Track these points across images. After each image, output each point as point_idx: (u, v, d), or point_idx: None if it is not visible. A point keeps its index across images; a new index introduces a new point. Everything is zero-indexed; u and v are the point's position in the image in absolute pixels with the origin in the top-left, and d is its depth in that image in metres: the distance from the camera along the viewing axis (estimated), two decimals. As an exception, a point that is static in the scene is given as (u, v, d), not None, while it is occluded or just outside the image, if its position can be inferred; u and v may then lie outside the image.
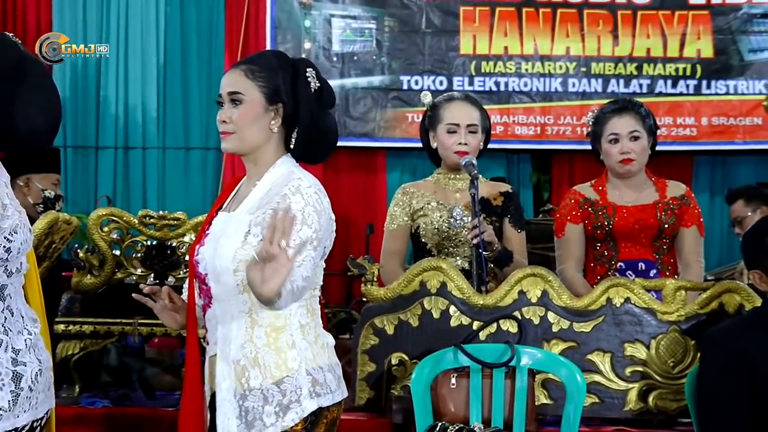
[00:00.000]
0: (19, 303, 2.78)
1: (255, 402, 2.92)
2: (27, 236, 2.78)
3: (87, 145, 8.25)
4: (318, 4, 7.96)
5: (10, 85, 2.72)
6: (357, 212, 8.08)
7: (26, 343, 2.74)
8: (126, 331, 4.23)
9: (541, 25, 7.84)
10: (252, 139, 3.04)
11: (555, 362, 3.80)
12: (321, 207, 2.92)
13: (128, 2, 8.29)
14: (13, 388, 2.68)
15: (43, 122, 2.79)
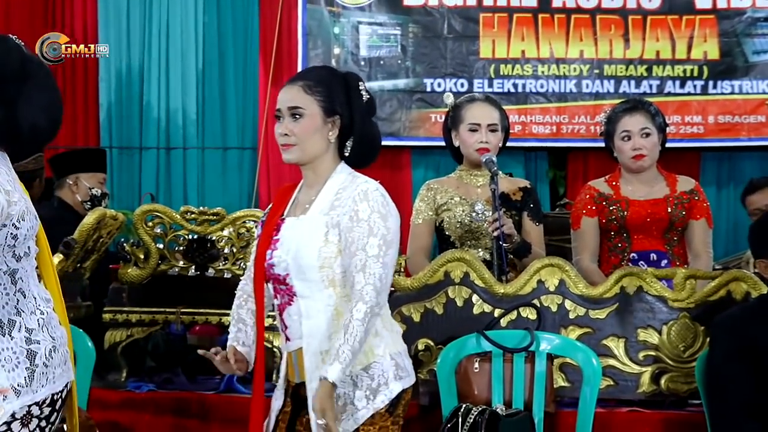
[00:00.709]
0: (31, 285, 2.78)
1: (345, 388, 2.97)
2: (33, 222, 2.78)
3: (131, 146, 8.26)
4: (346, 12, 7.95)
5: (13, 85, 2.73)
6: (384, 206, 8.05)
7: (39, 322, 2.75)
8: (169, 319, 4.25)
9: (556, 30, 7.81)
10: (313, 150, 3.10)
11: (572, 347, 3.80)
12: (386, 210, 3.00)
13: (169, 13, 8.30)
14: (29, 365, 2.69)
15: (45, 121, 2.79)
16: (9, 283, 2.72)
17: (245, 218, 4.23)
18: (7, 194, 2.68)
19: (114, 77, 8.28)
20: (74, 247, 4.19)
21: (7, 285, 2.72)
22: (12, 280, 2.73)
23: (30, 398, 2.69)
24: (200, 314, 4.22)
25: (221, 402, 4.01)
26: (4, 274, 2.71)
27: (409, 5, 7.92)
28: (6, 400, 2.66)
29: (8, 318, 2.70)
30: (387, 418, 2.99)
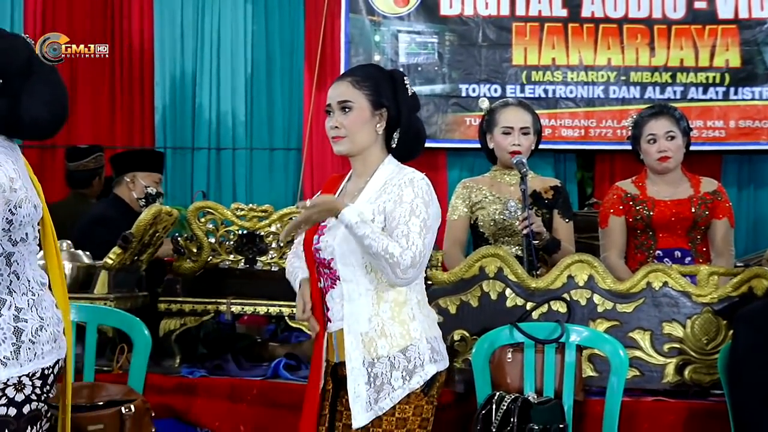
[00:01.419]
0: (26, 268, 2.84)
1: (383, 368, 2.99)
2: (30, 210, 2.84)
3: (184, 146, 8.30)
4: (386, 21, 7.95)
5: (18, 79, 2.80)
6: (421, 205, 8.05)
7: (29, 302, 2.82)
8: (220, 309, 4.26)
9: (585, 38, 7.78)
10: (362, 141, 3.13)
11: (600, 339, 3.77)
12: (429, 197, 3.02)
13: (220, 21, 8.33)
14: (15, 341, 2.76)
15: (47, 115, 2.85)
16: (4, 264, 2.79)
17: (291, 215, 4.23)
18: (10, 181, 2.73)
19: (168, 81, 8.32)
20: (132, 241, 4.21)
21: (2, 266, 2.79)
22: (7, 262, 2.80)
23: (17, 371, 2.76)
24: (249, 305, 4.23)
25: (268, 387, 4.01)
26: (0, 256, 2.76)
27: (446, 15, 7.92)
28: None
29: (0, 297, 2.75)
30: (422, 398, 3.01)
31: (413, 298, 3.07)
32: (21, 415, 2.77)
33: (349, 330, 3.04)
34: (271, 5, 8.33)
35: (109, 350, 4.12)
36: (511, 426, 3.41)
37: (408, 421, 2.99)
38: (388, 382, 2.99)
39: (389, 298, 3.03)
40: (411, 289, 3.07)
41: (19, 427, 2.76)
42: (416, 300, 3.08)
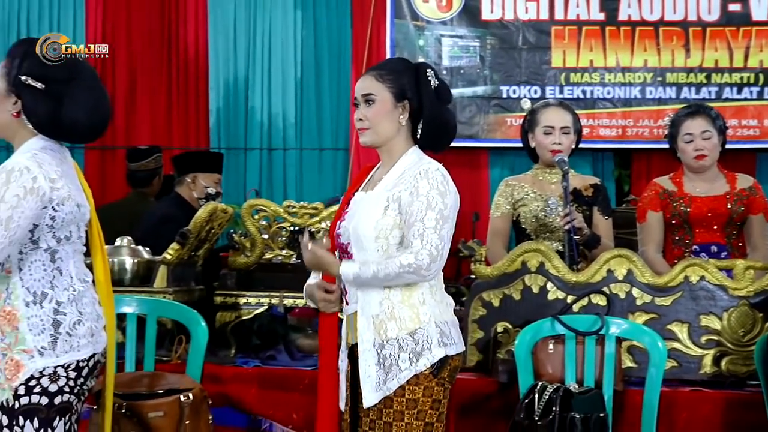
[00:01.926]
0: (69, 265, 2.89)
1: (391, 350, 2.98)
2: (73, 209, 2.89)
3: (237, 146, 8.33)
4: (430, 26, 7.94)
5: (60, 85, 2.86)
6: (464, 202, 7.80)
7: (69, 297, 2.87)
8: (272, 302, 4.28)
9: (621, 40, 7.72)
10: (384, 132, 3.11)
11: (639, 331, 3.75)
12: (445, 188, 2.98)
13: (271, 27, 8.36)
14: (53, 332, 2.82)
15: (85, 119, 2.90)
16: (48, 260, 2.84)
17: (340, 212, 4.24)
18: (51, 181, 2.77)
19: (222, 85, 8.36)
20: (189, 237, 4.23)
21: (46, 262, 2.83)
22: (51, 258, 2.85)
23: (53, 361, 2.81)
24: (300, 298, 4.19)
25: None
26: (45, 252, 2.83)
27: (487, 19, 7.89)
28: (31, 360, 2.78)
29: (42, 290, 2.83)
30: (431, 380, 2.98)
31: (424, 284, 3.03)
32: (52, 405, 2.80)
33: (362, 312, 3.05)
34: (319, 11, 8.34)
35: (168, 341, 4.15)
36: (553, 415, 3.39)
37: (419, 402, 2.98)
38: (396, 363, 2.98)
39: None
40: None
41: (49, 417, 2.80)
42: (428, 285, 3.04)
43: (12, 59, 2.90)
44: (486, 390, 3.88)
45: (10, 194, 2.74)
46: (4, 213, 2.72)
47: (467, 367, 3.98)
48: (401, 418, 2.98)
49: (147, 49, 8.49)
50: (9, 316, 2.80)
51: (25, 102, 2.85)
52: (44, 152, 2.88)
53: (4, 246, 2.73)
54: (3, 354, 2.80)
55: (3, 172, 2.80)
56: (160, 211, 5.42)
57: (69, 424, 2.86)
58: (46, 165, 2.84)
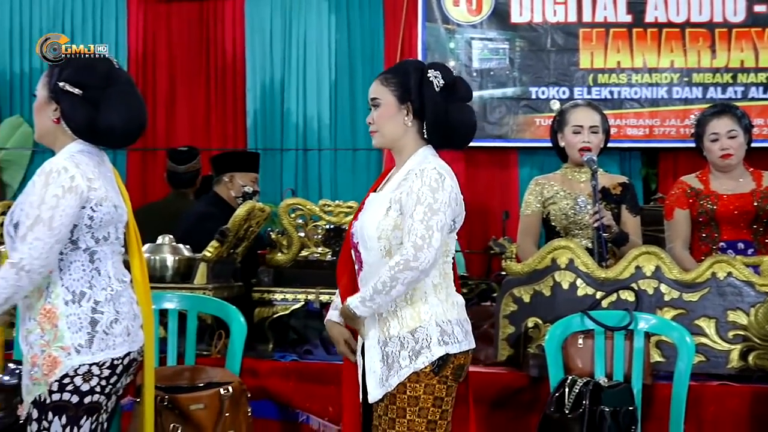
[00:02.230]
0: (108, 265, 2.92)
1: (393, 347, 2.98)
2: (110, 210, 2.92)
3: (273, 147, 8.35)
4: (460, 29, 7.93)
5: (97, 91, 2.88)
6: (494, 201, 8.03)
7: (107, 297, 2.89)
8: (309, 298, 4.28)
9: (648, 42, 7.68)
10: (390, 134, 3.12)
11: (667, 326, 3.73)
12: (438, 185, 2.95)
13: (306, 31, 8.38)
14: (90, 330, 2.84)
15: (121, 124, 2.92)
16: (87, 261, 2.85)
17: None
18: (89, 181, 2.79)
19: (259, 88, 8.39)
20: (228, 235, 4.25)
21: (85, 262, 2.85)
22: (90, 258, 2.87)
23: (89, 358, 2.82)
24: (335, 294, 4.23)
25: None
26: (84, 252, 2.84)
27: (516, 22, 7.87)
28: (68, 357, 2.79)
29: (80, 290, 2.84)
30: (432, 377, 2.97)
31: (428, 283, 3.01)
32: (81, 404, 2.82)
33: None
34: (353, 16, 8.36)
35: (208, 336, 4.16)
36: (583, 408, 3.38)
37: (420, 399, 2.96)
38: (397, 360, 2.97)
39: None
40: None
41: (77, 415, 2.82)
42: (431, 284, 3.02)
43: (52, 68, 2.93)
44: (517, 384, 3.88)
45: (49, 195, 2.77)
46: (46, 213, 2.75)
47: (498, 362, 3.99)
48: (403, 415, 2.98)
49: (186, 53, 8.54)
50: (49, 314, 2.83)
51: (64, 108, 2.88)
52: (81, 154, 2.90)
53: (51, 245, 2.75)
54: (42, 350, 2.83)
55: (42, 174, 2.82)
56: (198, 210, 5.44)
57: (96, 424, 2.87)
58: (84, 165, 2.86)
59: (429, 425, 2.97)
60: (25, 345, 2.90)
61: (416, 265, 2.87)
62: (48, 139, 2.97)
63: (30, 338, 2.87)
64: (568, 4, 7.78)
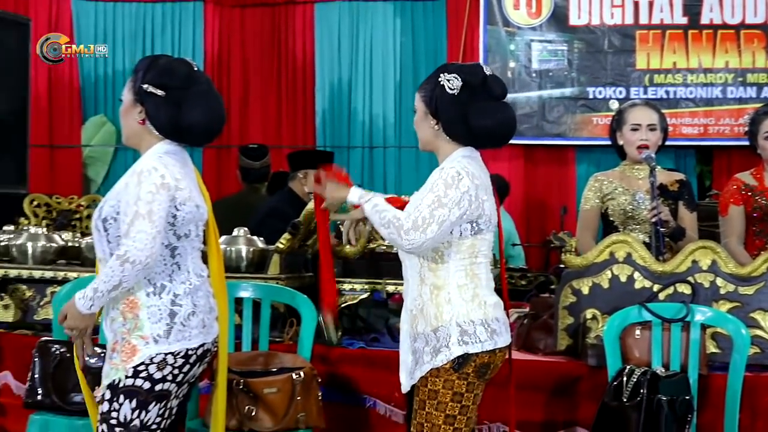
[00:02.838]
0: (187, 260, 2.94)
1: (420, 344, 2.98)
2: (193, 209, 2.94)
3: (341, 144, 8.40)
4: (520, 32, 7.90)
5: (178, 92, 2.91)
6: (552, 197, 7.98)
7: (185, 290, 2.91)
8: (376, 288, 4.27)
9: (704, 43, 7.59)
10: (423, 138, 3.12)
11: (723, 319, 3.66)
12: (453, 182, 2.91)
13: (372, 35, 8.42)
14: (168, 321, 2.85)
15: (202, 122, 2.94)
16: (169, 256, 2.88)
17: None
18: (176, 181, 2.81)
19: (327, 88, 8.44)
20: (300, 228, 4.26)
21: (167, 257, 2.87)
22: (171, 254, 2.90)
23: (165, 348, 2.84)
24: (400, 285, 4.19)
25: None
26: (166, 248, 2.87)
27: (575, 25, 7.83)
28: (146, 345, 2.82)
29: (161, 283, 2.87)
30: (452, 374, 2.93)
31: (452, 284, 2.97)
32: (152, 390, 2.84)
33: (405, 306, 3.06)
34: (417, 19, 8.36)
35: (281, 323, 4.17)
36: (641, 397, 3.33)
37: (438, 393, 2.94)
38: (421, 356, 2.96)
39: (429, 281, 2.97)
40: (450, 275, 2.97)
41: (146, 400, 2.84)
42: (455, 285, 2.97)
43: (136, 73, 2.97)
44: (575, 372, 3.83)
45: (144, 191, 2.80)
46: (144, 208, 2.78)
47: (557, 351, 3.95)
48: (423, 407, 2.97)
49: (259, 55, 8.61)
50: (131, 304, 2.86)
51: (148, 109, 2.91)
52: (168, 156, 2.93)
53: (153, 236, 2.77)
54: (122, 338, 2.86)
55: (134, 174, 2.86)
56: (269, 205, 5.47)
57: (164, 410, 2.89)
58: (171, 167, 2.89)
59: (447, 419, 2.95)
60: (109, 332, 2.94)
61: (404, 236, 2.86)
62: (135, 140, 3.01)
63: (113, 326, 2.91)
64: (626, 6, 7.71)
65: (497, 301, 3.06)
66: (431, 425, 2.95)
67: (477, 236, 3.00)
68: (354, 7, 8.48)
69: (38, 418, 3.67)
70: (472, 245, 2.99)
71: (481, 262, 3.04)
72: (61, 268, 4.43)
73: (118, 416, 2.83)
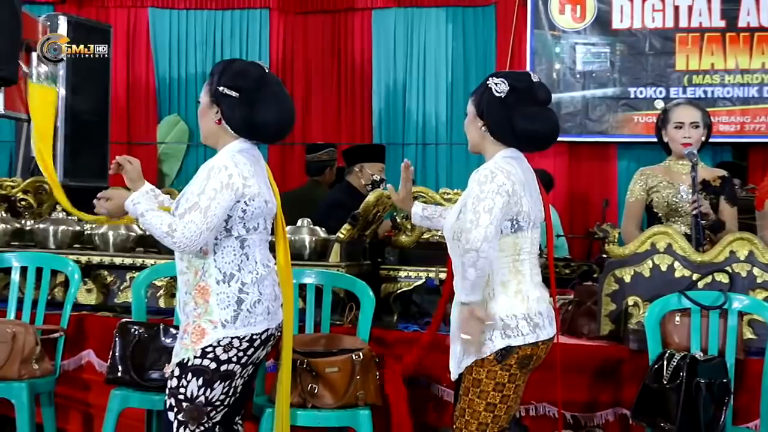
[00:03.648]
0: (255, 251, 2.95)
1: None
2: (261, 204, 2.95)
3: (396, 141, 8.40)
4: (565, 35, 7.83)
5: (252, 93, 2.92)
6: (594, 191, 7.91)
7: (252, 280, 2.92)
8: (429, 275, 4.26)
9: (740, 45, 7.46)
10: (471, 140, 3.10)
11: (759, 306, 3.60)
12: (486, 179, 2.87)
13: (425, 39, 8.40)
14: (236, 308, 2.87)
15: (274, 121, 2.96)
16: (238, 247, 2.90)
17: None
18: (244, 179, 2.83)
19: (383, 89, 8.44)
20: (359, 219, 4.26)
21: (236, 248, 2.89)
22: (241, 245, 2.91)
23: (231, 332, 2.86)
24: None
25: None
26: (236, 239, 2.89)
27: (617, 28, 7.75)
28: (215, 329, 2.85)
29: (230, 272, 2.89)
30: (495, 365, 2.91)
31: (496, 281, 2.93)
32: (217, 370, 2.87)
33: (455, 300, 3.01)
34: (467, 24, 8.33)
35: (341, 308, 4.18)
36: (681, 379, 3.28)
37: (481, 383, 2.92)
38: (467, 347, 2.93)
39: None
40: (494, 273, 2.92)
41: (212, 379, 2.87)
42: (499, 282, 2.94)
43: (212, 76, 2.99)
44: (617, 356, 3.79)
45: (209, 187, 2.82)
46: (204, 203, 2.81)
47: (600, 336, 3.92)
48: (466, 393, 2.96)
49: (320, 58, 8.63)
50: (202, 290, 2.89)
51: (224, 110, 2.93)
52: (241, 154, 2.95)
53: (202, 231, 2.80)
54: (194, 321, 2.89)
55: (205, 169, 2.89)
56: (331, 198, 5.47)
57: (228, 388, 2.91)
58: (241, 165, 2.90)
59: (487, 407, 2.93)
60: (182, 315, 2.98)
61: (468, 246, 2.79)
62: (212, 139, 3.03)
63: (186, 309, 2.95)
64: (666, 10, 7.61)
65: (541, 296, 3.02)
66: (472, 411, 2.94)
67: (518, 234, 2.95)
68: (409, 14, 8.46)
69: (118, 393, 3.72)
70: (514, 243, 2.95)
71: (525, 258, 2.99)
72: (139, 255, 4.48)
73: (186, 392, 2.87)
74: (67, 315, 4.13)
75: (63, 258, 4.31)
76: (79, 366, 4.29)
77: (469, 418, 2.95)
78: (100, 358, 4.20)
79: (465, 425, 2.96)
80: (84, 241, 4.62)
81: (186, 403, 2.87)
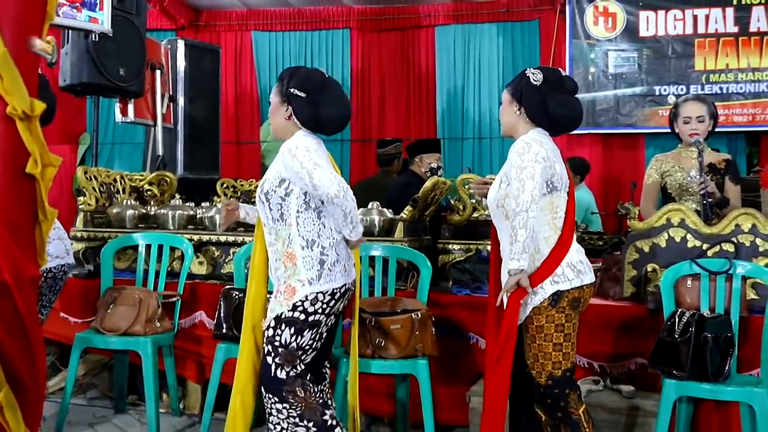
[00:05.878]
0: (330, 220, 2.94)
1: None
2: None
3: (456, 136, 8.34)
4: (599, 43, 7.65)
5: (316, 94, 2.92)
6: (624, 175, 7.73)
7: (330, 244, 2.94)
8: (479, 248, 4.25)
9: (752, 47, 7.19)
10: (506, 122, 3.06)
11: (761, 271, 3.49)
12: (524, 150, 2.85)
13: (480, 50, 8.30)
14: (319, 268, 2.90)
15: (335, 116, 2.96)
16: (315, 217, 2.92)
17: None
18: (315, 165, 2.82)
19: (445, 92, 8.38)
20: (419, 202, 4.26)
21: (314, 218, 2.91)
22: (318, 216, 2.93)
23: (317, 288, 2.89)
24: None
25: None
26: (314, 211, 2.90)
27: (644, 36, 7.55)
28: (303, 286, 2.88)
29: (312, 238, 2.91)
30: (550, 309, 2.86)
31: (540, 238, 2.89)
32: (306, 321, 2.89)
33: (503, 265, 2.98)
34: (515, 36, 8.22)
35: (404, 275, 4.20)
36: (690, 334, 3.22)
37: (544, 327, 2.88)
38: (528, 298, 2.88)
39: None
40: (537, 231, 2.88)
41: (302, 328, 2.89)
42: (543, 238, 2.89)
43: (281, 80, 3.01)
44: (638, 314, 3.73)
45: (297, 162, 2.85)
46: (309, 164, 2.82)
47: (623, 298, 3.85)
48: (534, 341, 2.91)
49: (392, 67, 8.61)
50: (290, 256, 2.92)
51: (294, 108, 2.96)
52: (306, 137, 2.97)
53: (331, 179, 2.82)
54: (285, 281, 2.93)
55: (283, 153, 2.90)
56: (403, 180, 5.49)
57: (316, 335, 2.93)
58: (312, 148, 2.90)
59: (555, 347, 2.90)
60: (275, 278, 3.02)
61: (519, 209, 2.78)
62: (282, 132, 3.05)
63: (277, 273, 2.98)
64: (686, 19, 7.40)
65: (579, 247, 3.00)
66: (544, 354, 2.90)
67: (553, 193, 2.91)
68: (466, 29, 8.37)
69: (223, 345, 3.81)
70: (551, 202, 2.91)
71: (560, 216, 2.94)
72: (240, 234, 4.55)
73: (281, 339, 2.91)
74: (183, 283, 4.23)
75: (179, 237, 4.40)
76: (192, 324, 4.40)
77: (543, 361, 2.90)
78: (210, 318, 4.30)
79: (542, 368, 2.91)
80: (197, 222, 4.72)
81: (281, 348, 2.91)
